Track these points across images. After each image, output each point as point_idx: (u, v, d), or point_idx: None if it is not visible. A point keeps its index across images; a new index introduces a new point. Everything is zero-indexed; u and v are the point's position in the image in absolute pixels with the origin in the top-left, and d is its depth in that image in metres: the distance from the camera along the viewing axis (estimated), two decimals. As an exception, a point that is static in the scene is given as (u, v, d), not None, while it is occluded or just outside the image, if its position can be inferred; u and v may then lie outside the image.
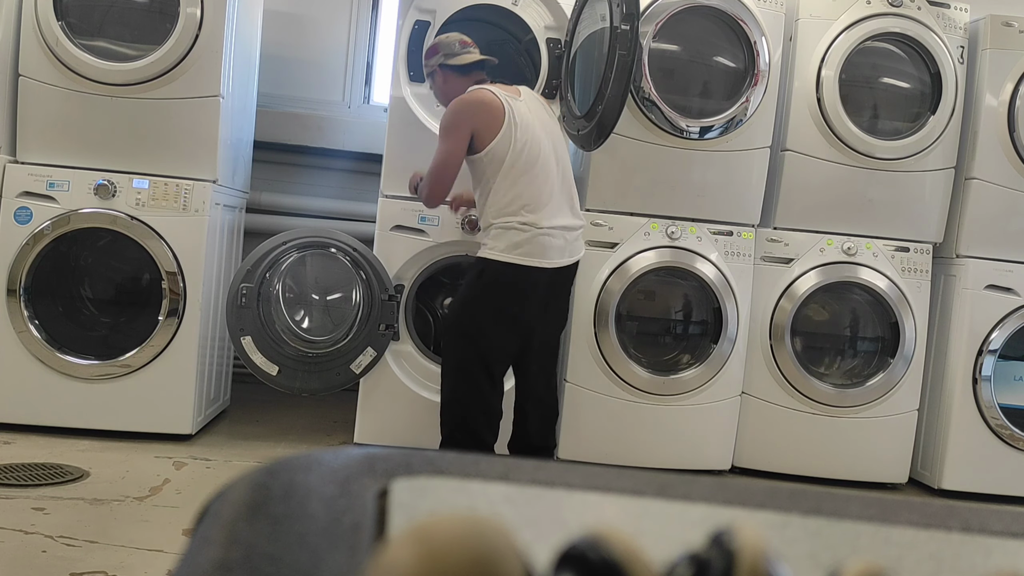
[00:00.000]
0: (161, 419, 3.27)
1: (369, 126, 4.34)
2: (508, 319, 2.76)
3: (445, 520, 0.36)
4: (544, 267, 2.73)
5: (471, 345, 2.77)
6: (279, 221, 4.32)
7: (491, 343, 2.78)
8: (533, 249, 2.70)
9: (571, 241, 2.81)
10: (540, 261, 2.72)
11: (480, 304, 2.77)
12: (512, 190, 2.72)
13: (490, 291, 2.74)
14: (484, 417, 2.80)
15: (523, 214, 2.70)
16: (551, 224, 2.73)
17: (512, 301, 2.75)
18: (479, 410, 2.79)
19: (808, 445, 3.56)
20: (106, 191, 3.17)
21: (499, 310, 2.76)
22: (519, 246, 2.69)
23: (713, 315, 3.47)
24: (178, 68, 3.20)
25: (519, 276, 2.71)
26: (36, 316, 3.20)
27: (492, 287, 2.74)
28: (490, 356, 2.78)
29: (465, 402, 2.79)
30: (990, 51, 3.56)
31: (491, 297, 2.75)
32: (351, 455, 0.57)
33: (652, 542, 0.45)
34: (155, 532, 2.41)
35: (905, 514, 0.60)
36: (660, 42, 3.40)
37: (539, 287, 2.75)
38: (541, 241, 2.71)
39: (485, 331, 2.77)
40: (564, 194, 2.82)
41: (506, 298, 2.74)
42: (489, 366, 2.79)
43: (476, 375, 2.77)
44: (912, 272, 3.58)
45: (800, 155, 3.55)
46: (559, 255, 2.76)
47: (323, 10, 4.46)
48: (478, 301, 2.77)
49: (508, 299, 2.75)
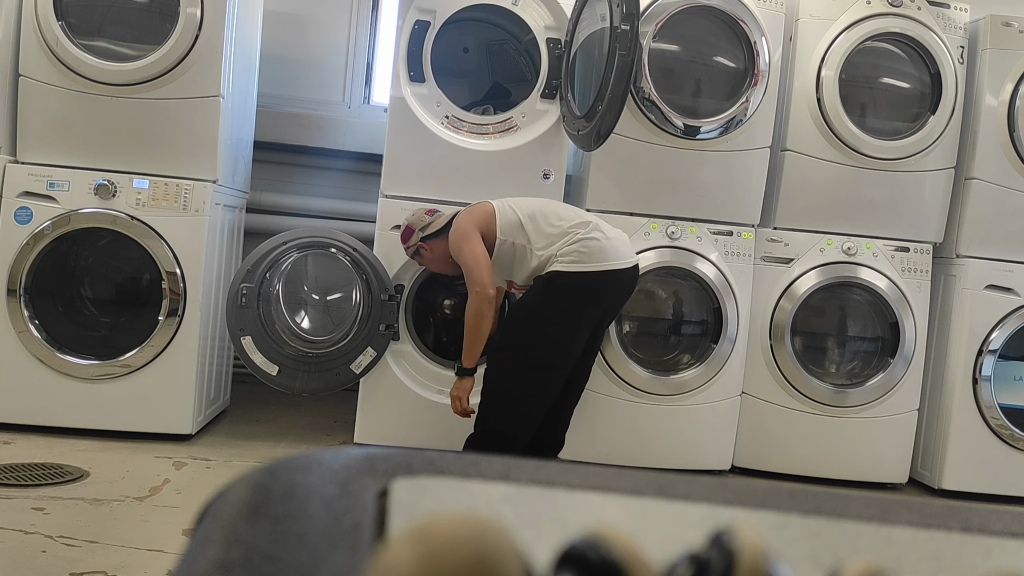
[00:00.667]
0: (161, 419, 3.27)
1: (369, 126, 4.34)
2: (579, 325, 2.80)
3: (445, 520, 0.37)
4: (618, 268, 2.79)
5: (535, 353, 2.78)
6: (279, 221, 4.32)
7: (557, 350, 2.80)
8: (605, 252, 2.77)
9: (621, 244, 2.86)
10: (614, 263, 2.78)
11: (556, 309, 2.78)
12: (550, 225, 2.81)
13: (567, 299, 2.77)
14: (533, 420, 2.84)
15: (579, 229, 2.78)
16: (604, 233, 2.81)
17: (588, 305, 2.80)
18: (536, 412, 2.83)
19: (808, 445, 3.56)
20: (106, 191, 3.17)
21: (575, 316, 2.80)
22: (591, 254, 2.75)
23: (713, 315, 3.47)
24: (178, 68, 3.20)
25: (596, 280, 2.77)
26: (36, 316, 3.20)
27: (569, 296, 2.77)
28: (550, 366, 2.81)
29: (524, 403, 2.81)
30: (990, 51, 3.56)
31: (567, 303, 2.78)
32: (351, 455, 0.57)
33: (652, 542, 0.45)
34: (155, 532, 2.41)
35: (905, 514, 0.60)
36: (660, 42, 3.40)
37: (613, 288, 2.83)
38: (609, 244, 2.78)
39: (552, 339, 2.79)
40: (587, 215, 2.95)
41: (581, 303, 2.79)
42: (545, 379, 2.82)
43: (551, 379, 2.82)
44: (912, 272, 3.58)
45: (800, 155, 3.55)
46: (625, 254, 2.83)
47: (323, 10, 4.45)
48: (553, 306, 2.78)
49: (583, 304, 2.80)
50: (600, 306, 2.83)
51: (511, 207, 2.86)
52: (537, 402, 2.83)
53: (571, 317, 2.78)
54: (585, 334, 2.84)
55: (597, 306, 2.82)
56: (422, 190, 3.33)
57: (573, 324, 2.79)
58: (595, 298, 2.80)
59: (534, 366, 2.79)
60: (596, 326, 2.90)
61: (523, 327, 2.82)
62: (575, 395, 3.04)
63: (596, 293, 2.79)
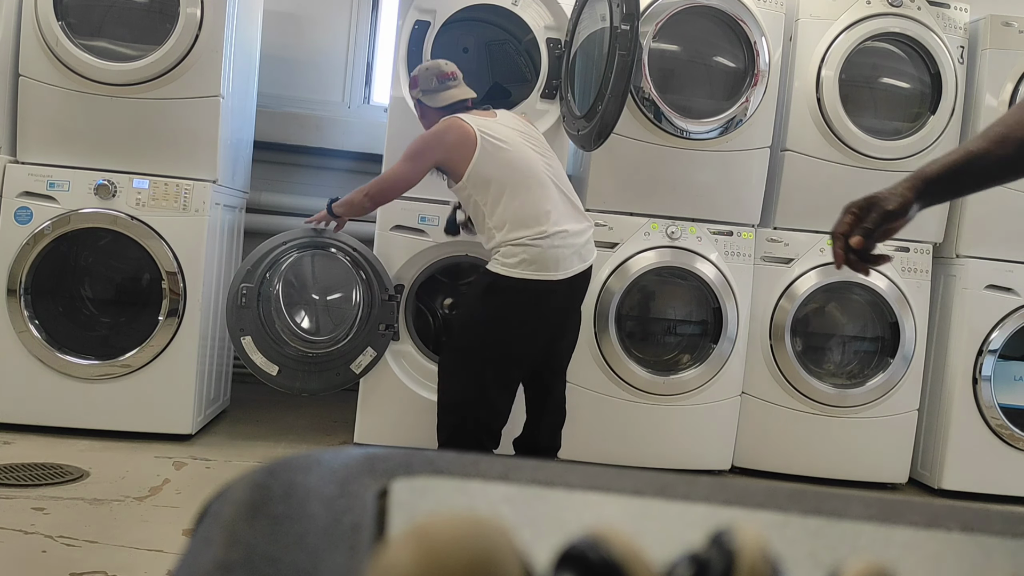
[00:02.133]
0: (161, 419, 3.27)
1: (369, 126, 4.34)
2: (527, 333, 2.76)
3: (445, 520, 0.36)
4: (559, 279, 2.71)
5: (487, 355, 2.76)
6: (279, 221, 4.32)
7: (510, 354, 2.77)
8: (546, 263, 2.68)
9: (581, 246, 2.78)
10: (554, 274, 2.70)
11: (496, 318, 2.75)
12: (511, 207, 2.70)
13: (507, 307, 2.73)
14: (487, 425, 2.80)
15: (529, 229, 2.68)
16: (558, 232, 2.71)
17: (529, 315, 2.74)
18: (486, 417, 2.80)
19: (808, 445, 3.56)
20: (106, 191, 3.17)
21: (520, 323, 2.74)
22: (532, 262, 2.67)
23: (713, 315, 3.47)
24: (178, 68, 3.20)
25: (535, 291, 2.69)
26: (36, 316, 3.20)
27: (508, 303, 2.72)
28: (505, 367, 2.79)
29: (470, 407, 2.78)
30: (990, 51, 3.56)
31: (507, 312, 2.73)
32: (351, 455, 0.57)
33: (652, 542, 0.45)
34: (155, 532, 2.41)
35: (905, 514, 0.60)
36: (660, 42, 3.40)
37: (557, 297, 2.74)
38: (553, 254, 2.69)
39: (503, 343, 2.76)
40: (565, 202, 2.80)
41: (523, 313, 2.73)
42: (503, 376, 2.79)
43: (487, 383, 2.77)
44: (912, 272, 3.58)
45: (800, 155, 3.55)
46: (570, 264, 2.74)
47: (323, 10, 4.45)
48: (493, 315, 2.74)
49: (525, 314, 2.73)
50: (547, 317, 2.79)
51: (495, 159, 2.72)
52: (488, 404, 2.78)
53: (515, 325, 2.74)
54: (539, 336, 2.79)
55: (543, 317, 2.77)
56: (422, 190, 3.31)
57: (519, 331, 2.75)
58: (539, 307, 2.73)
59: (469, 373, 2.79)
60: (559, 325, 2.86)
61: (469, 332, 2.82)
62: (554, 397, 3.00)
63: (540, 303, 2.73)
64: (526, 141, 2.81)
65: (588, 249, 2.82)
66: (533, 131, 2.92)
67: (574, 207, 2.83)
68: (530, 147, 2.80)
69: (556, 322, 2.85)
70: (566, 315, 2.89)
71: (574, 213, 2.81)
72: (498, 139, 2.74)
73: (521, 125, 2.88)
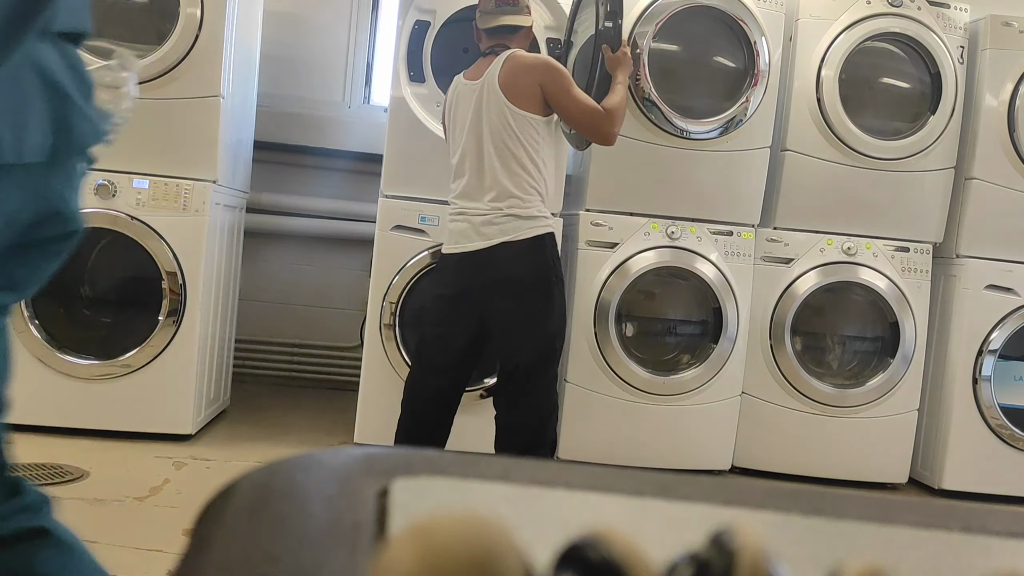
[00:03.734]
0: (161, 419, 3.27)
1: (369, 126, 4.34)
2: (435, 308, 2.73)
3: (445, 520, 0.36)
4: (451, 252, 2.64)
5: (419, 329, 2.84)
6: (279, 221, 4.33)
7: (424, 329, 2.80)
8: (448, 236, 2.68)
9: (478, 225, 2.56)
10: (447, 247, 2.67)
11: (427, 297, 2.82)
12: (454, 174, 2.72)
13: (431, 282, 2.80)
14: (407, 405, 2.74)
15: (450, 202, 2.71)
16: (457, 209, 2.65)
17: (437, 290, 2.75)
18: (406, 397, 2.75)
19: (808, 445, 3.56)
20: (106, 191, 3.17)
21: (431, 299, 2.77)
22: (449, 235, 2.68)
23: (713, 315, 3.47)
24: (178, 68, 3.20)
25: (440, 264, 2.72)
26: (36, 316, 3.20)
27: (432, 278, 2.80)
28: (422, 343, 2.79)
29: (404, 392, 2.78)
30: (990, 51, 3.56)
31: (429, 287, 2.80)
32: (351, 455, 0.57)
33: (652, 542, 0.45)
34: (155, 532, 2.41)
35: (905, 514, 0.60)
36: (660, 42, 3.40)
37: (450, 274, 2.65)
38: (450, 227, 2.68)
39: (424, 317, 2.81)
40: (480, 177, 2.59)
41: (433, 287, 2.77)
42: (420, 351, 2.78)
43: (413, 360, 2.81)
44: (912, 272, 3.58)
45: (800, 155, 3.55)
46: (460, 240, 2.60)
47: (323, 10, 4.45)
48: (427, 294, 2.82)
49: (434, 288, 2.76)
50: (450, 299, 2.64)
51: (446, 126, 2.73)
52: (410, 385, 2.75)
53: (431, 306, 2.75)
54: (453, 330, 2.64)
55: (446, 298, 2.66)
56: (422, 190, 3.33)
57: (432, 314, 2.73)
58: (442, 286, 2.70)
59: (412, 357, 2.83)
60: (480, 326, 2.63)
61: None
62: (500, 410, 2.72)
63: (442, 280, 2.70)
64: (473, 103, 2.62)
65: (488, 231, 2.56)
66: (493, 93, 2.59)
67: (487, 186, 2.58)
68: (472, 110, 2.62)
69: (463, 305, 2.62)
70: (479, 305, 2.60)
71: (483, 191, 2.58)
72: (451, 102, 2.74)
73: (486, 86, 2.61)
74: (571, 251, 3.48)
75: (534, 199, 2.57)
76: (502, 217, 2.54)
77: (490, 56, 2.65)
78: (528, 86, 2.54)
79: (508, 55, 2.60)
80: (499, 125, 2.55)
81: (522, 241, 2.53)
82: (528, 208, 2.55)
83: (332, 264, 4.48)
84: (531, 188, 2.56)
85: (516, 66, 2.57)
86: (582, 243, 3.40)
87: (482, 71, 2.64)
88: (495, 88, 2.56)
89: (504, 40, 2.68)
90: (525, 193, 2.55)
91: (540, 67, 2.58)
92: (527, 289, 2.57)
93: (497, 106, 2.56)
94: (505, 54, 2.61)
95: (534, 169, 2.57)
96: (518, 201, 2.54)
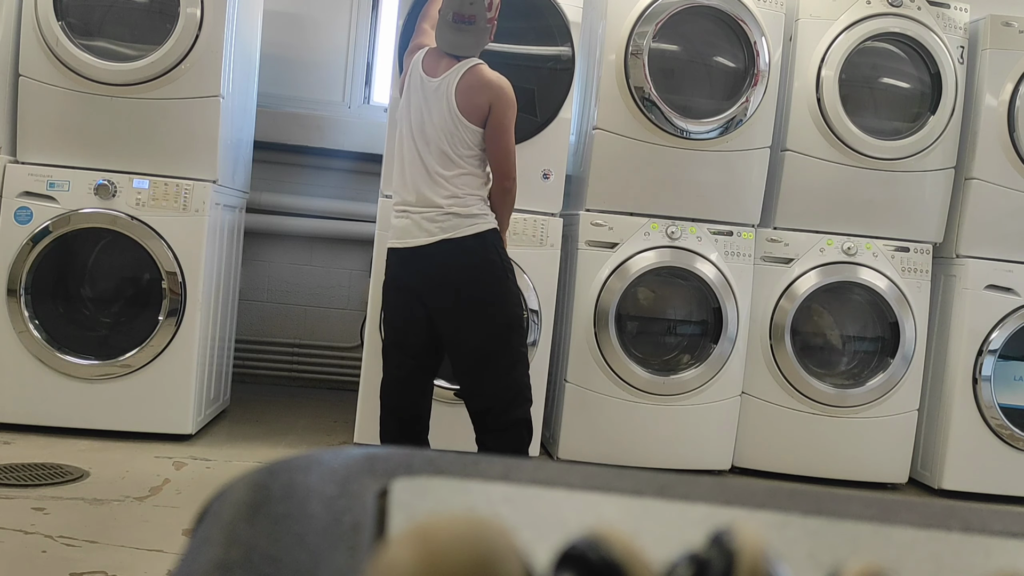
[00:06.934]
0: (161, 419, 3.27)
1: (369, 126, 4.34)
2: (388, 303, 2.79)
3: (445, 520, 0.36)
4: (395, 247, 2.70)
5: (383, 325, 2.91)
6: (279, 221, 4.33)
7: (385, 324, 2.88)
8: (393, 231, 2.72)
9: (422, 221, 2.63)
10: (392, 242, 2.71)
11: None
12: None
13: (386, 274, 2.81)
14: (383, 395, 2.80)
15: (393, 197, 2.75)
16: (400, 203, 2.70)
17: (387, 284, 2.77)
18: (381, 390, 2.81)
19: (808, 445, 3.57)
20: (106, 191, 3.17)
21: (384, 292, 2.80)
22: (394, 231, 2.72)
23: (713, 315, 3.47)
24: (178, 68, 3.20)
25: (389, 260, 2.74)
26: (36, 316, 3.20)
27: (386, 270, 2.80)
28: (386, 337, 2.86)
29: (381, 380, 2.83)
30: (990, 51, 3.56)
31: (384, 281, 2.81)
32: (351, 455, 0.57)
33: (652, 542, 0.45)
34: (155, 532, 2.41)
35: (905, 514, 0.60)
36: (660, 42, 3.40)
37: (396, 268, 2.71)
38: (394, 222, 2.72)
39: (383, 313, 2.88)
40: (423, 174, 2.64)
41: (385, 282, 2.78)
42: (385, 344, 2.84)
43: (383, 352, 2.84)
44: (912, 272, 3.58)
45: (800, 155, 3.55)
46: (404, 235, 2.66)
47: (323, 10, 4.46)
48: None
49: (385, 282, 2.77)
50: (400, 292, 2.71)
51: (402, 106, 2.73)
52: (386, 387, 2.79)
53: (384, 298, 2.80)
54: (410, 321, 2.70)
55: (397, 291, 2.72)
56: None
57: (387, 307, 2.80)
58: (392, 280, 2.74)
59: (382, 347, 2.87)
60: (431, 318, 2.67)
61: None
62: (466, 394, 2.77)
63: (391, 274, 2.74)
64: (427, 100, 2.66)
65: (434, 227, 2.62)
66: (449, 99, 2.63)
67: (435, 182, 2.64)
68: (425, 107, 2.66)
69: (412, 299, 2.68)
70: (428, 297, 2.66)
71: (429, 187, 2.64)
72: (411, 83, 2.73)
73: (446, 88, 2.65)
74: (571, 251, 3.48)
75: (474, 199, 2.65)
76: (443, 215, 2.62)
77: (451, 60, 2.67)
78: (478, 103, 2.62)
79: (471, 69, 2.64)
80: (445, 131, 2.63)
81: (464, 238, 2.62)
82: (469, 207, 2.63)
83: (332, 264, 4.48)
84: (472, 190, 2.66)
85: (475, 83, 2.63)
86: (582, 243, 3.40)
87: (440, 70, 2.67)
88: (451, 97, 2.62)
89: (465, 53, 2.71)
90: (465, 194, 2.64)
91: (496, 89, 2.64)
92: (470, 281, 2.65)
93: (448, 112, 2.63)
94: (468, 65, 2.65)
95: (476, 171, 2.67)
96: (458, 201, 2.63)
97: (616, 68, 3.39)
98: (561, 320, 3.51)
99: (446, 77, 2.63)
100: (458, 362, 2.73)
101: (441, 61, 2.68)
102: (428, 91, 2.65)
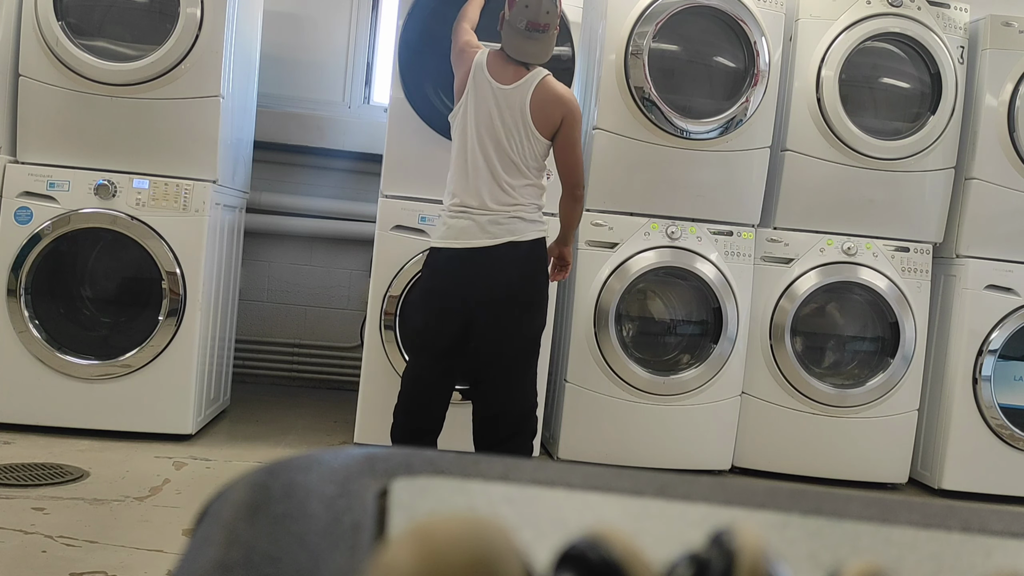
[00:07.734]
0: (161, 419, 3.27)
1: (369, 126, 4.34)
2: (428, 303, 2.74)
3: (445, 520, 0.36)
4: (448, 246, 2.65)
5: (410, 325, 2.92)
6: (279, 221, 4.33)
7: (418, 325, 2.84)
8: (448, 231, 2.67)
9: (487, 224, 2.62)
10: (444, 241, 2.67)
11: (418, 288, 2.88)
12: (452, 170, 2.73)
13: (423, 275, 2.80)
14: (404, 396, 2.76)
15: (450, 197, 2.70)
16: (460, 205, 2.66)
17: (432, 282, 2.72)
18: (403, 391, 2.77)
19: (808, 445, 3.57)
20: (106, 191, 3.17)
21: (425, 291, 2.78)
22: (447, 230, 2.68)
23: (713, 315, 3.47)
24: (178, 68, 3.20)
25: (436, 258, 2.70)
26: (36, 316, 3.20)
27: (423, 271, 2.78)
28: (418, 338, 2.82)
29: (403, 380, 2.81)
30: (990, 51, 3.56)
31: (422, 280, 2.80)
32: (351, 455, 0.57)
33: (652, 542, 0.46)
34: (155, 532, 2.41)
35: (905, 514, 0.60)
36: (660, 42, 3.40)
37: (443, 265, 2.67)
38: (449, 222, 2.67)
39: (416, 312, 2.85)
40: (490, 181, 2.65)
41: (428, 280, 2.75)
42: (416, 346, 2.83)
43: (411, 354, 2.85)
44: (912, 272, 3.58)
45: (800, 155, 3.55)
46: (463, 235, 2.63)
47: (323, 10, 4.46)
48: (417, 286, 2.86)
49: (429, 281, 2.74)
50: (447, 292, 2.66)
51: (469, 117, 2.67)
52: (410, 388, 2.75)
53: (424, 298, 2.78)
54: (448, 321, 2.66)
55: (443, 291, 2.67)
56: (422, 190, 3.33)
57: (426, 306, 2.76)
58: (440, 279, 2.69)
59: (408, 348, 2.89)
60: (471, 319, 2.65)
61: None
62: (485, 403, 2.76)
63: (441, 273, 2.68)
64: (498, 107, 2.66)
65: (496, 230, 2.63)
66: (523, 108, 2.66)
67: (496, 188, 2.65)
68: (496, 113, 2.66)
69: (459, 300, 2.65)
70: (476, 301, 2.64)
71: (489, 192, 2.65)
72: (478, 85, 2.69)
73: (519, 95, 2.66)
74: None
75: (535, 208, 2.71)
76: (508, 219, 2.64)
77: (520, 68, 2.67)
78: (552, 116, 2.65)
79: (542, 81, 2.67)
80: (517, 140, 2.66)
81: (525, 242, 2.65)
82: (532, 214, 2.69)
83: (332, 264, 4.48)
84: (534, 199, 2.70)
85: (549, 97, 2.66)
86: (582, 243, 3.40)
87: (509, 77, 2.66)
88: (524, 108, 2.64)
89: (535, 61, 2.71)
90: (528, 202, 2.68)
91: (569, 104, 2.68)
92: (523, 278, 2.68)
93: (522, 123, 2.65)
94: (539, 77, 2.67)
95: (539, 183, 2.72)
96: (523, 208, 2.67)
97: (616, 68, 3.39)
98: (561, 320, 3.51)
99: (519, 87, 2.65)
100: (486, 365, 2.71)
101: (508, 67, 2.67)
102: (500, 98, 2.65)
